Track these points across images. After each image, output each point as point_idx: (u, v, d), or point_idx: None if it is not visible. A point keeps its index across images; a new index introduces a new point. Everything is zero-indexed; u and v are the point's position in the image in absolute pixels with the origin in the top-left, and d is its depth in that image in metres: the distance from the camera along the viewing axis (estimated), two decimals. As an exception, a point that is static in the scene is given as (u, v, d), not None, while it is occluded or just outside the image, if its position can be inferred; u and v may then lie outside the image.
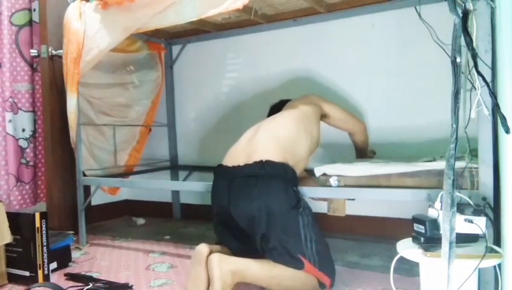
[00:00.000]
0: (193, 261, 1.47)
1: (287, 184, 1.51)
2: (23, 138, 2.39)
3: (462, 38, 1.06)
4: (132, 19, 1.92)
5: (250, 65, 2.60)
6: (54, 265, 1.77)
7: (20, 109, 2.38)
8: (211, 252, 1.44)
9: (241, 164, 1.57)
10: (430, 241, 1.17)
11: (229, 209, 1.54)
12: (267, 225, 1.45)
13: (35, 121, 2.43)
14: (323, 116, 1.93)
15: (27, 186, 2.40)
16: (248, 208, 1.48)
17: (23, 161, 2.39)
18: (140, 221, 2.80)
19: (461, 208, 1.17)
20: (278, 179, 1.50)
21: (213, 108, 2.72)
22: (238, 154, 1.63)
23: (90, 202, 2.30)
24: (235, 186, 1.53)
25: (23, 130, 2.39)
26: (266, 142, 1.62)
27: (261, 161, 1.52)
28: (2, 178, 2.29)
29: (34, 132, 2.43)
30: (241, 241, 1.59)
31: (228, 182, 1.56)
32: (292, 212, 1.46)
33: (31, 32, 2.41)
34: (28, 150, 2.41)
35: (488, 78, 1.20)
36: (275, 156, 1.55)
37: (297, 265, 1.42)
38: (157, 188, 2.81)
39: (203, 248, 1.45)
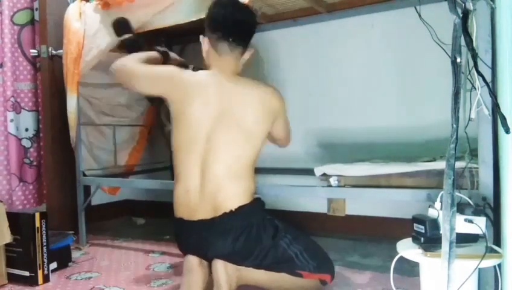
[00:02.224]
0: (185, 270, 1.45)
1: (261, 220, 1.44)
2: (26, 138, 2.38)
3: (462, 38, 1.05)
4: (132, 19, 1.92)
5: (250, 65, 2.59)
6: (53, 265, 1.77)
7: (23, 109, 2.37)
8: (200, 261, 1.43)
9: (208, 217, 1.40)
10: (430, 241, 1.17)
11: (209, 258, 1.44)
12: (258, 265, 1.43)
13: (39, 121, 2.42)
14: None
15: (30, 186, 2.39)
16: (231, 257, 1.40)
17: (27, 160, 2.38)
18: (140, 221, 2.80)
19: (461, 208, 1.17)
20: (252, 218, 1.42)
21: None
22: (198, 207, 1.42)
23: (90, 202, 2.30)
24: (211, 241, 1.40)
25: (27, 129, 2.38)
26: (226, 184, 1.41)
27: (231, 211, 1.39)
28: (4, 178, 2.29)
29: (38, 131, 2.42)
30: None
31: (201, 235, 1.42)
32: (274, 242, 1.42)
33: (34, 31, 2.40)
34: (31, 150, 2.40)
35: (488, 78, 1.20)
36: (243, 198, 1.41)
37: (298, 276, 1.43)
38: (157, 188, 2.80)
39: (192, 258, 1.44)
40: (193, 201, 1.42)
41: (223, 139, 1.43)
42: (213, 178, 1.41)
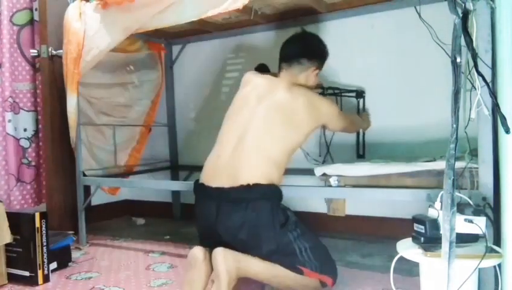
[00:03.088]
0: (189, 265, 1.46)
1: (274, 205, 1.48)
2: (24, 138, 2.38)
3: (462, 38, 1.05)
4: (132, 19, 1.92)
5: (250, 65, 2.59)
6: (53, 265, 1.77)
7: (22, 109, 2.38)
8: (205, 256, 1.43)
9: (226, 185, 1.48)
10: (430, 241, 1.17)
11: (218, 231, 1.48)
12: (260, 247, 1.44)
13: (37, 121, 2.42)
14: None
15: (28, 186, 2.39)
16: (238, 233, 1.44)
17: (25, 161, 2.38)
18: (140, 221, 2.80)
19: (461, 208, 1.17)
20: (266, 201, 1.46)
21: (213, 108, 2.72)
22: (222, 172, 1.52)
23: (90, 202, 2.30)
24: (223, 209, 1.46)
25: (25, 129, 2.38)
26: (252, 159, 1.51)
27: (249, 185, 1.45)
28: (2, 178, 2.29)
29: (36, 131, 2.42)
30: None
31: (214, 203, 1.49)
32: (281, 231, 1.44)
33: (33, 32, 2.41)
34: (29, 150, 2.40)
35: (488, 78, 1.20)
36: (262, 177, 1.48)
37: (298, 272, 1.43)
38: (157, 188, 2.81)
39: (198, 251, 1.44)
40: (219, 166, 1.54)
41: (264, 120, 1.58)
42: (243, 149, 1.52)
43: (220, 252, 1.38)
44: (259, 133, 1.56)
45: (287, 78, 1.71)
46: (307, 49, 1.75)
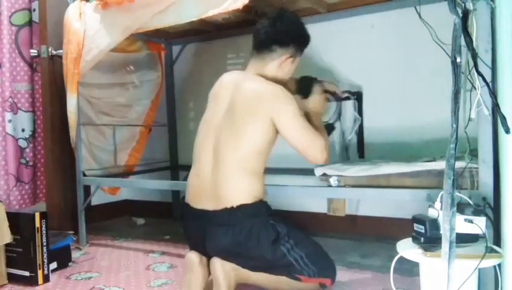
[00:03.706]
0: (185, 269, 1.46)
1: (262, 223, 1.42)
2: (22, 138, 2.39)
3: (462, 38, 1.05)
4: (132, 19, 1.92)
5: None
6: (53, 265, 1.77)
7: (20, 109, 2.38)
8: (201, 259, 1.44)
9: (210, 208, 1.43)
10: (430, 241, 1.17)
11: (207, 251, 1.45)
12: (254, 267, 1.43)
13: (34, 121, 2.43)
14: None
15: (26, 186, 2.39)
16: (229, 253, 1.41)
17: (23, 160, 2.39)
18: (140, 221, 2.80)
19: (461, 208, 1.17)
20: (253, 220, 1.40)
21: (213, 108, 2.72)
22: (203, 193, 1.46)
23: (90, 202, 2.30)
24: (210, 233, 1.42)
25: (23, 130, 2.39)
26: (232, 176, 1.42)
27: (232, 207, 1.39)
28: (1, 178, 2.29)
29: (34, 131, 2.43)
30: None
31: (200, 226, 1.46)
32: (274, 247, 1.40)
33: (31, 32, 2.41)
34: (27, 150, 2.41)
35: (488, 78, 1.20)
36: (246, 196, 1.41)
37: (296, 280, 1.43)
38: (157, 188, 2.80)
39: (193, 256, 1.44)
40: (201, 187, 1.47)
41: (231, 125, 1.46)
42: (221, 165, 1.43)
43: (218, 260, 1.39)
44: (231, 142, 1.44)
45: (253, 70, 1.54)
46: (279, 33, 1.51)
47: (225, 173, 1.43)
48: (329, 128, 1.78)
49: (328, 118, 1.98)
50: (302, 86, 1.69)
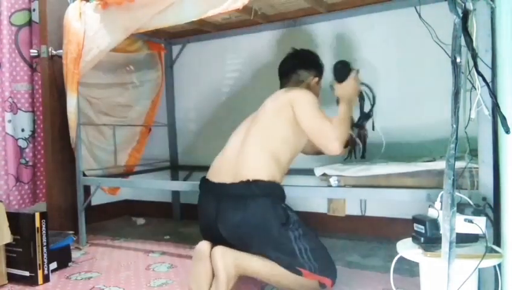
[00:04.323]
0: (195, 259, 1.47)
1: (275, 202, 1.49)
2: (22, 138, 2.39)
3: (462, 38, 1.05)
4: (132, 19, 1.92)
5: (250, 65, 2.60)
6: (53, 265, 1.77)
7: (20, 109, 2.38)
8: (212, 249, 1.44)
9: (228, 181, 1.52)
10: (430, 241, 1.17)
11: (217, 227, 1.51)
12: (259, 245, 1.45)
13: (34, 121, 2.43)
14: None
15: (26, 186, 2.40)
16: (237, 229, 1.46)
17: (23, 161, 2.39)
18: (140, 221, 2.80)
19: (461, 208, 1.17)
20: (266, 197, 1.47)
21: (213, 108, 2.72)
22: (225, 169, 1.58)
23: (90, 202, 2.30)
24: (223, 205, 1.50)
25: (23, 130, 2.39)
26: (255, 156, 1.55)
27: (248, 181, 1.48)
28: (1, 178, 2.29)
29: (33, 132, 2.43)
30: None
31: (215, 199, 1.53)
32: (282, 229, 1.44)
33: (31, 33, 2.41)
34: (27, 150, 2.41)
35: (488, 78, 1.20)
36: (263, 173, 1.51)
37: (297, 273, 1.43)
38: (157, 188, 2.81)
39: (204, 245, 1.46)
40: (224, 163, 1.60)
41: (268, 121, 1.63)
42: (248, 146, 1.57)
43: (218, 251, 1.40)
44: (260, 129, 1.61)
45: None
46: (301, 61, 1.83)
47: (249, 152, 1.56)
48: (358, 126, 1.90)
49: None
50: (337, 70, 1.78)
